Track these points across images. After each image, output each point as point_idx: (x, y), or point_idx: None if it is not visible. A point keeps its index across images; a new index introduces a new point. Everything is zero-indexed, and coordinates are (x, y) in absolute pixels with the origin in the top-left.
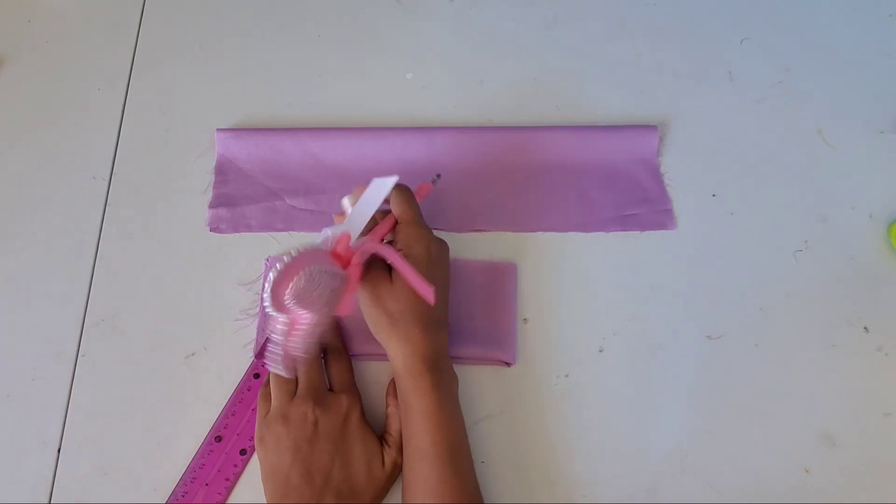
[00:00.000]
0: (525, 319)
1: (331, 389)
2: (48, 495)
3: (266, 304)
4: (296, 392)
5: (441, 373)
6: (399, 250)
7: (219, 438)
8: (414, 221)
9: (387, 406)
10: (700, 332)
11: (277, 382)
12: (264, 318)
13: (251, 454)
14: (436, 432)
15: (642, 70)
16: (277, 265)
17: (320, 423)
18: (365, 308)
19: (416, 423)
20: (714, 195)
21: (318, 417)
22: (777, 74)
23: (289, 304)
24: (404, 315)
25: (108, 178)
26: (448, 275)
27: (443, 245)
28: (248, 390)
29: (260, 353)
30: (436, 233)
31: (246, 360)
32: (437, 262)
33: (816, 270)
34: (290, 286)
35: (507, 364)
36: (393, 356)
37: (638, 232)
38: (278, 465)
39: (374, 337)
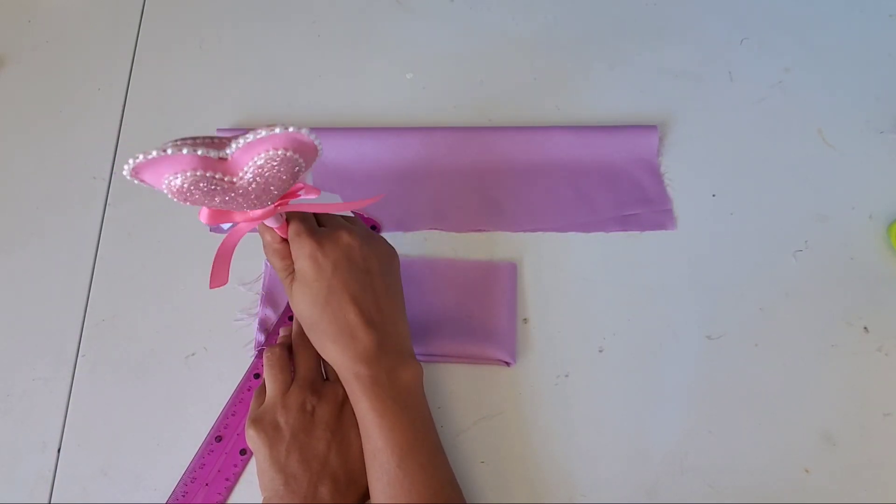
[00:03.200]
0: (525, 319)
1: (326, 378)
2: (48, 495)
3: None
4: (291, 382)
5: (377, 374)
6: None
7: (219, 438)
8: (295, 235)
9: None
10: (700, 332)
11: (273, 374)
12: (264, 316)
13: (251, 454)
14: (382, 434)
15: (642, 70)
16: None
17: (317, 412)
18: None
19: (363, 426)
20: (714, 195)
21: (315, 406)
22: (777, 74)
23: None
24: (313, 332)
25: (108, 178)
26: (364, 275)
27: (346, 246)
28: (249, 390)
29: (260, 353)
30: (435, 233)
31: (246, 360)
32: (335, 268)
33: (816, 270)
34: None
35: (507, 364)
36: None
37: (638, 232)
38: (276, 453)
39: None
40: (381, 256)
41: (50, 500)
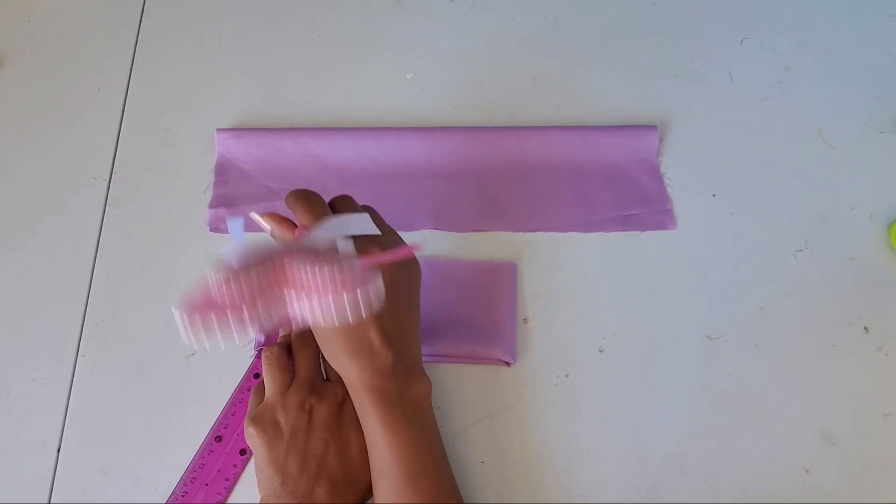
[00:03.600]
0: (525, 319)
1: (325, 378)
2: (48, 495)
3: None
4: (291, 382)
5: (390, 390)
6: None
7: (219, 438)
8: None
9: None
10: (700, 332)
11: (272, 374)
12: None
13: (251, 454)
14: (389, 449)
15: (642, 70)
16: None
17: (316, 412)
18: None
19: (371, 439)
20: (714, 195)
21: (314, 405)
22: (777, 74)
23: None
24: (329, 345)
25: (108, 178)
26: (388, 291)
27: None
28: (248, 390)
29: (260, 353)
30: (435, 233)
31: (246, 360)
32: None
33: (816, 270)
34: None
35: (507, 364)
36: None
37: (638, 232)
38: (274, 453)
39: None
40: (407, 273)
41: (50, 500)
